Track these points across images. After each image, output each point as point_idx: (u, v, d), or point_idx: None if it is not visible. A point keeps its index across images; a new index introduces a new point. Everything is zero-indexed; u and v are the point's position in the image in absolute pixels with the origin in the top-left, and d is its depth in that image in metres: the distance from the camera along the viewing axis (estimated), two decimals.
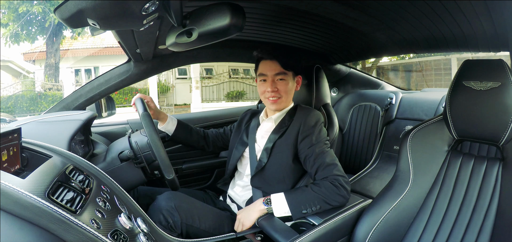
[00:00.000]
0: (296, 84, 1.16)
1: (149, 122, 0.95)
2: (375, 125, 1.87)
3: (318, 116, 1.09)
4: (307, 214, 0.93)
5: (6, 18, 8.75)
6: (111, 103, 1.48)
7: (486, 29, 0.98)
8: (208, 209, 1.05)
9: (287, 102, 1.14)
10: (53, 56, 9.48)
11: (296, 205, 0.93)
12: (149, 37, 0.99)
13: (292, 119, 1.10)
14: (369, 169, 1.73)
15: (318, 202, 0.93)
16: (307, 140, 1.03)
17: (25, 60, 10.51)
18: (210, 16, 0.73)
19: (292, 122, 1.09)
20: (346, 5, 1.00)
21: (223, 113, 1.85)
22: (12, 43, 9.18)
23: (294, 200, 0.94)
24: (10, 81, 10.16)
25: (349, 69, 2.09)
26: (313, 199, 0.93)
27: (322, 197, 0.93)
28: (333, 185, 0.95)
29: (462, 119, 0.81)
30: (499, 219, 0.75)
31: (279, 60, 1.07)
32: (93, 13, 0.56)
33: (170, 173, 0.93)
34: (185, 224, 0.95)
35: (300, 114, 1.10)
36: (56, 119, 1.04)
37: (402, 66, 9.86)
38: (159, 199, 0.98)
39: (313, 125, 1.06)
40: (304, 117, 1.08)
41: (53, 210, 0.52)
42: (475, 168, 0.81)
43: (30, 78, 10.38)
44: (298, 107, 1.15)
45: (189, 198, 1.03)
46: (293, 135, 1.06)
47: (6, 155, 0.64)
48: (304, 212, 0.92)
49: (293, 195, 0.96)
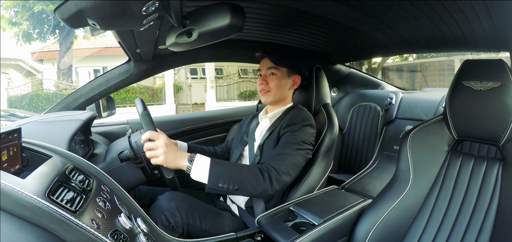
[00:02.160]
0: (293, 83, 1.16)
1: (149, 121, 0.95)
2: (375, 125, 1.87)
3: (304, 117, 1.08)
4: (222, 189, 0.90)
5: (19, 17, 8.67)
6: (111, 103, 1.48)
7: (486, 29, 0.98)
8: (208, 209, 1.05)
9: (277, 97, 1.14)
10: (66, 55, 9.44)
11: (215, 176, 0.90)
12: (149, 37, 0.99)
13: (283, 118, 1.11)
14: (369, 169, 1.73)
15: (239, 182, 0.91)
16: (284, 136, 1.04)
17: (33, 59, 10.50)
18: (210, 16, 0.73)
19: (282, 121, 1.10)
20: (346, 5, 1.00)
21: (223, 113, 1.85)
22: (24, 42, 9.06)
23: (216, 171, 0.91)
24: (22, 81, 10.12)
25: (349, 69, 2.09)
26: (234, 177, 0.91)
27: (244, 179, 0.91)
28: (260, 172, 0.94)
29: (462, 120, 0.81)
30: (499, 219, 0.75)
31: (270, 56, 1.13)
32: (93, 13, 0.56)
33: (170, 173, 0.93)
34: (186, 224, 0.96)
35: (291, 113, 1.11)
36: (56, 119, 1.04)
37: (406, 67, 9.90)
38: (160, 199, 0.99)
39: (295, 123, 1.06)
40: (293, 115, 1.09)
41: (53, 210, 0.52)
42: (475, 168, 0.81)
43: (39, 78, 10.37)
44: (294, 107, 1.15)
45: (190, 198, 1.04)
46: (276, 132, 1.08)
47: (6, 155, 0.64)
48: (220, 186, 0.90)
49: (217, 166, 0.92)
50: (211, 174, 0.90)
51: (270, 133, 1.09)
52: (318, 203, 1.02)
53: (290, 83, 1.15)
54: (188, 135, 1.67)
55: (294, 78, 1.16)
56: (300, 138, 1.04)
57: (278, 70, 1.12)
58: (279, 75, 1.12)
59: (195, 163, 0.91)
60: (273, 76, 1.12)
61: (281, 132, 1.06)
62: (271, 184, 0.94)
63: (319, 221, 0.90)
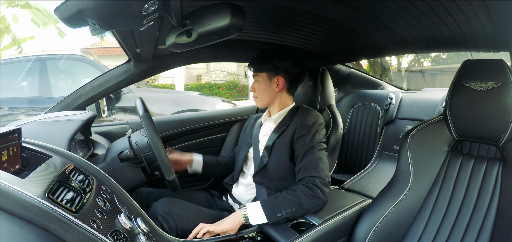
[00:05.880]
0: (276, 85, 1.13)
1: (150, 123, 0.95)
2: (375, 125, 1.87)
3: (316, 118, 1.10)
4: (282, 217, 0.94)
5: None
6: (111, 103, 1.48)
7: (486, 29, 0.98)
8: (203, 212, 1.07)
9: (265, 101, 1.16)
10: None
11: (271, 211, 0.95)
12: (149, 37, 0.99)
13: (292, 119, 1.11)
14: (369, 169, 1.73)
15: (293, 204, 0.94)
16: (301, 139, 1.05)
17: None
18: (210, 16, 0.73)
19: (291, 122, 1.10)
20: (346, 5, 1.00)
21: (223, 113, 1.85)
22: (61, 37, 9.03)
23: (269, 206, 0.96)
24: None
25: (349, 69, 2.09)
26: (287, 202, 0.95)
27: (296, 199, 0.95)
28: (307, 187, 0.96)
29: (462, 120, 0.81)
30: (499, 219, 0.75)
31: (249, 67, 1.19)
32: (93, 13, 0.56)
33: (170, 174, 0.93)
34: (181, 228, 0.98)
35: (300, 114, 1.12)
36: (56, 119, 1.04)
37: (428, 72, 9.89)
38: (154, 206, 1.01)
39: (310, 125, 1.06)
40: (302, 117, 1.09)
41: (53, 210, 0.52)
42: (475, 168, 0.81)
43: None
44: (299, 108, 1.16)
45: (183, 203, 1.05)
46: (290, 135, 1.08)
47: (6, 155, 0.64)
48: (279, 215, 0.94)
49: (268, 202, 0.98)
50: (266, 211, 0.95)
51: (280, 134, 1.10)
52: None
53: (273, 85, 1.14)
54: (188, 135, 1.67)
55: (276, 79, 1.14)
56: (319, 139, 1.06)
57: (259, 76, 1.15)
58: (260, 81, 1.15)
59: (249, 213, 0.97)
60: (257, 83, 1.16)
61: (296, 135, 1.06)
62: (323, 193, 0.96)
63: (319, 221, 0.90)
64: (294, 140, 1.06)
